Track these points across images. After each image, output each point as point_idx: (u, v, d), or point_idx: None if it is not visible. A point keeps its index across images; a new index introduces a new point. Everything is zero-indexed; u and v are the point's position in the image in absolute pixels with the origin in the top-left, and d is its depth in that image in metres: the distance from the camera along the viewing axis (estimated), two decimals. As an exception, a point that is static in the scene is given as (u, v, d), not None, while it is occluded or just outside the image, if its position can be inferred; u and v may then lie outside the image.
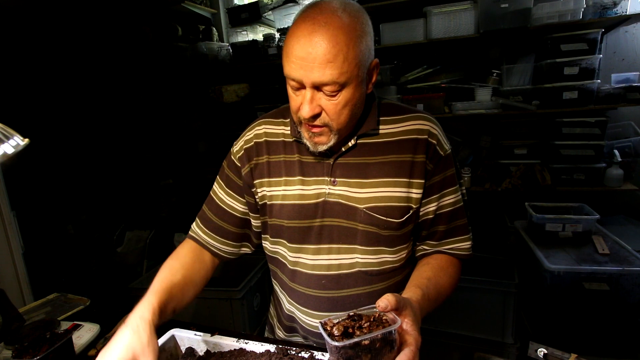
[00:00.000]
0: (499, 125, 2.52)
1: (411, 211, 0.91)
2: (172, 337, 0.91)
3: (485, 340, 2.09)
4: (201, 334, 0.91)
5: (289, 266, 0.98)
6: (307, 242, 0.94)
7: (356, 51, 0.78)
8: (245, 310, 2.13)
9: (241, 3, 3.22)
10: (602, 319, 1.72)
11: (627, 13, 2.15)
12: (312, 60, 0.76)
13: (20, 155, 0.84)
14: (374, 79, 0.88)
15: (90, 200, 2.59)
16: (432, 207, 0.93)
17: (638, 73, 2.24)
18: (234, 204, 1.02)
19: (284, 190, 0.94)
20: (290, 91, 0.85)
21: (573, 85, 2.22)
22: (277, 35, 2.87)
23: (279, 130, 0.98)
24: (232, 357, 0.86)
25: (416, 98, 2.56)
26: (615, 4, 2.13)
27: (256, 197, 1.00)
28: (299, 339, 1.05)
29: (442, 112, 2.53)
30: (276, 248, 1.01)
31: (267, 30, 3.12)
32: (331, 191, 0.91)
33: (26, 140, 0.85)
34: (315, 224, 0.93)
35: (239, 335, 0.92)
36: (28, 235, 1.94)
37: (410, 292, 0.79)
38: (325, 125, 0.84)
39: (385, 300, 0.64)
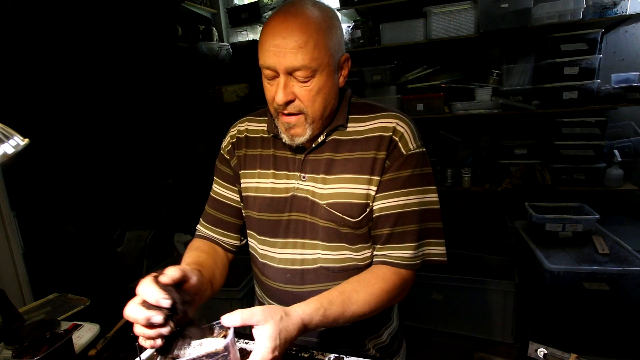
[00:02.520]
0: (499, 125, 2.52)
1: (368, 209, 0.90)
2: (172, 337, 0.91)
3: (485, 340, 2.09)
4: (201, 334, 0.91)
5: (259, 259, 1.01)
6: (275, 235, 0.97)
7: (326, 40, 0.83)
8: (245, 310, 2.13)
9: (241, 3, 3.22)
10: (602, 319, 1.72)
11: (627, 13, 2.15)
12: (285, 46, 0.80)
13: (20, 155, 0.84)
14: (345, 72, 0.91)
15: (90, 200, 2.59)
16: (377, 205, 0.90)
17: (638, 73, 2.24)
18: (230, 194, 1.06)
19: (257, 183, 0.99)
20: (265, 83, 0.88)
21: (573, 85, 2.22)
22: (277, 35, 2.86)
23: (259, 127, 1.03)
24: (232, 357, 0.86)
25: (416, 98, 2.56)
26: (615, 4, 2.13)
27: (240, 187, 1.03)
28: None
29: (442, 112, 2.53)
30: (250, 241, 1.04)
31: (267, 30, 3.11)
32: (300, 186, 0.94)
33: (26, 140, 0.85)
34: (284, 218, 0.95)
35: (239, 335, 0.92)
36: (28, 235, 1.94)
37: (306, 303, 0.78)
38: (300, 112, 0.86)
39: (231, 317, 0.67)
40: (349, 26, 2.66)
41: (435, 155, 2.74)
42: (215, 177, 1.09)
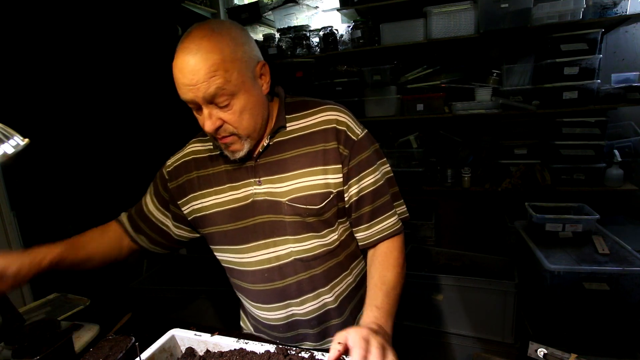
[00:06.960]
0: (499, 125, 2.52)
1: (331, 195, 0.98)
2: (172, 337, 0.91)
3: (485, 340, 2.09)
4: (201, 334, 0.91)
5: (237, 267, 1.06)
6: (246, 241, 1.02)
7: (233, 63, 0.86)
8: (245, 310, 2.13)
9: (241, 3, 3.23)
10: (602, 319, 1.72)
11: (627, 13, 2.15)
12: (197, 81, 0.84)
13: (20, 155, 0.84)
14: (266, 78, 0.96)
15: (90, 200, 2.59)
16: (354, 189, 0.99)
17: (638, 73, 2.24)
18: (154, 212, 1.13)
19: (215, 199, 1.03)
20: (194, 113, 0.94)
21: (573, 85, 2.22)
22: (277, 35, 2.86)
23: (206, 147, 1.08)
24: (232, 357, 0.86)
25: (416, 98, 2.56)
26: (615, 4, 2.13)
27: (184, 211, 1.08)
28: (262, 335, 1.13)
29: (442, 112, 2.53)
30: (222, 255, 1.08)
31: (267, 30, 3.12)
32: (257, 191, 0.99)
33: (26, 140, 0.85)
34: (250, 224, 1.01)
35: (239, 335, 0.92)
36: (28, 235, 1.94)
37: (367, 312, 0.88)
38: (232, 134, 0.92)
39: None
40: (349, 26, 2.66)
41: (435, 155, 2.74)
42: (151, 186, 1.16)
